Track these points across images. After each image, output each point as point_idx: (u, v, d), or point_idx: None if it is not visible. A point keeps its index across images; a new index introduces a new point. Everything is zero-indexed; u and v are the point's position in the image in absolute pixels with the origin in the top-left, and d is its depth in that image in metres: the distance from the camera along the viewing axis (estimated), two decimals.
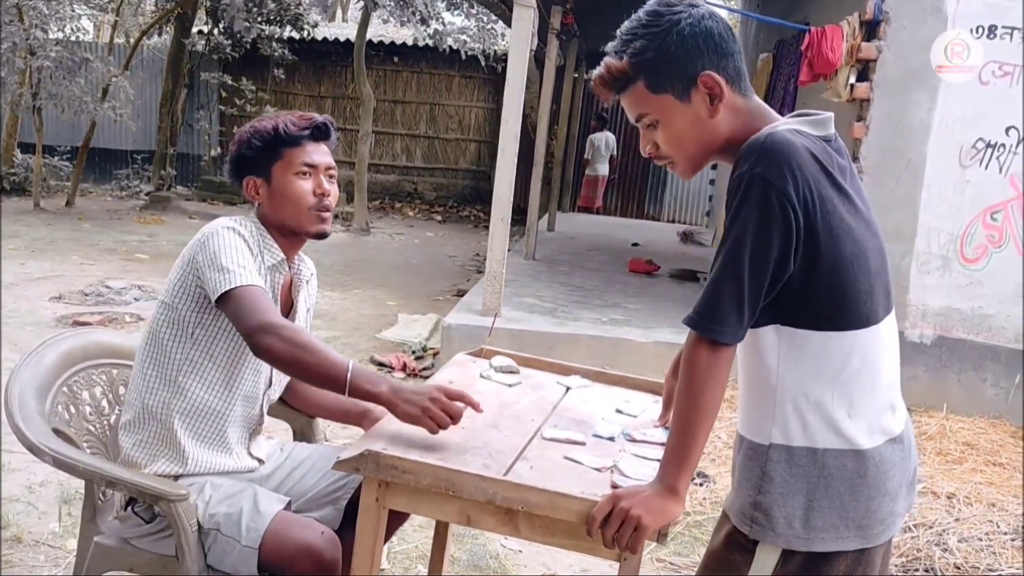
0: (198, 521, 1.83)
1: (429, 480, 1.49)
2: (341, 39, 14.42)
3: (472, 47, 13.35)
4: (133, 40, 13.61)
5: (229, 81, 13.29)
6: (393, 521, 1.93)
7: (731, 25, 1.89)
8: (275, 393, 2.09)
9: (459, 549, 3.08)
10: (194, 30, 13.30)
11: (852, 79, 4.96)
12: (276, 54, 13.12)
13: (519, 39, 5.19)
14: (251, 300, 1.77)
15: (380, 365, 5.30)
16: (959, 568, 3.10)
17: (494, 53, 13.53)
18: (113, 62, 12.44)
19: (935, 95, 4.80)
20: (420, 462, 1.51)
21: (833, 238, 1.38)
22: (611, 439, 1.78)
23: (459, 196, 14.99)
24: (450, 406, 1.64)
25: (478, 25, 13.40)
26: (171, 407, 1.90)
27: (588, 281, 7.21)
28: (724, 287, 1.38)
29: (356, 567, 1.57)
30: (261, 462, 2.05)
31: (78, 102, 10.56)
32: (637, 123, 1.52)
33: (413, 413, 1.63)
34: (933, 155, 4.85)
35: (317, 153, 1.98)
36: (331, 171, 2.01)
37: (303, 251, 2.08)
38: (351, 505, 2.02)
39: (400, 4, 11.83)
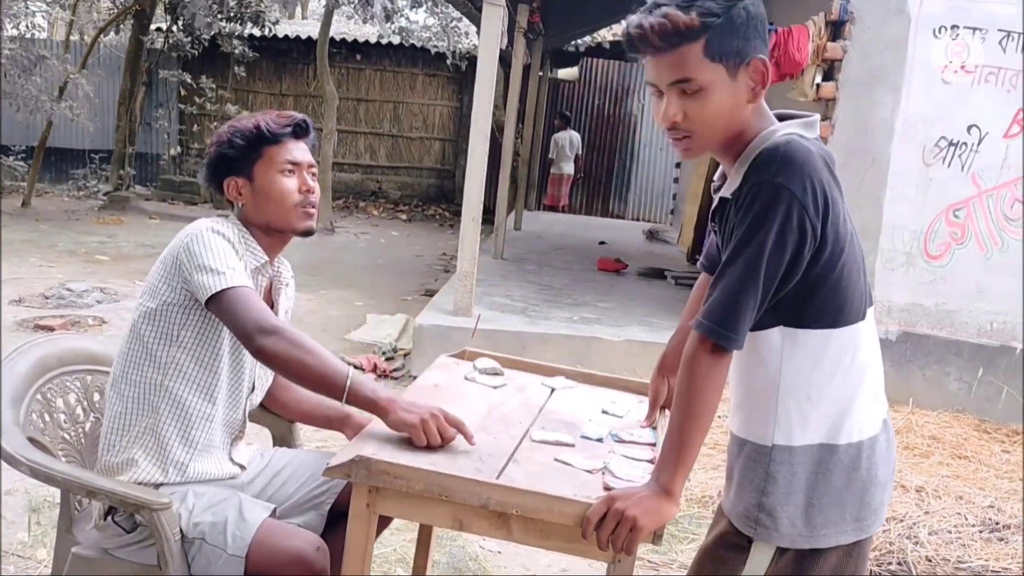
0: (181, 530, 1.80)
1: (422, 485, 1.48)
2: (303, 36, 14.30)
3: (437, 44, 13.30)
4: (89, 38, 13.36)
5: (188, 79, 13.10)
6: (378, 526, 1.91)
7: None
8: (257, 398, 2.06)
9: (438, 551, 3.06)
10: (153, 27, 13.06)
11: (818, 79, 5.01)
12: (237, 51, 12.96)
13: (489, 38, 5.17)
14: (246, 301, 1.75)
15: (351, 367, 5.25)
16: (931, 560, 3.16)
17: (458, 51, 13.49)
18: (70, 60, 12.20)
19: (899, 94, 4.87)
20: (412, 467, 1.49)
21: (839, 240, 1.42)
22: (599, 440, 1.78)
23: (424, 195, 14.94)
24: (445, 428, 1.63)
25: (442, 24, 13.34)
26: (156, 410, 1.86)
27: (557, 280, 7.23)
28: (744, 298, 1.37)
29: (347, 573, 1.55)
30: (243, 468, 2.02)
31: (34, 101, 10.35)
32: (669, 86, 1.41)
33: (410, 421, 1.62)
34: (897, 154, 4.92)
35: (299, 151, 1.97)
36: (313, 169, 2.01)
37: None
38: (333, 509, 2.01)
39: (363, 2, 11.74)
